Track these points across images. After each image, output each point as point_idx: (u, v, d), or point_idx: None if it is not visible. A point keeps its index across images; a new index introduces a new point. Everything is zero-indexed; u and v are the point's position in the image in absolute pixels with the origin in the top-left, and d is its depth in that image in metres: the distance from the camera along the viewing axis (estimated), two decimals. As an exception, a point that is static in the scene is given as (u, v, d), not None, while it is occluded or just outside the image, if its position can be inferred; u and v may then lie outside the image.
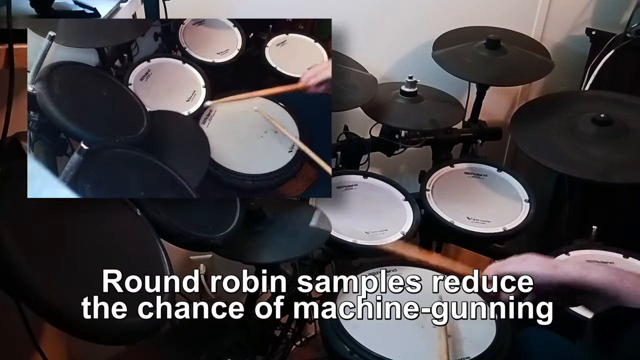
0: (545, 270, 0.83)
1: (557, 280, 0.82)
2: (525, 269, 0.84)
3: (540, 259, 0.86)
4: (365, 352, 1.01)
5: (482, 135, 1.60)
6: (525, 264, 0.86)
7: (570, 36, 1.75)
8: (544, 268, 0.83)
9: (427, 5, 1.61)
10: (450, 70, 1.45)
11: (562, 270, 0.82)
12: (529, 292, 0.85)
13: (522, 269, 0.85)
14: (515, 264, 0.86)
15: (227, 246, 1.03)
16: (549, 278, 0.82)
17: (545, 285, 0.83)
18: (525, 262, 0.86)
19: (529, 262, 0.86)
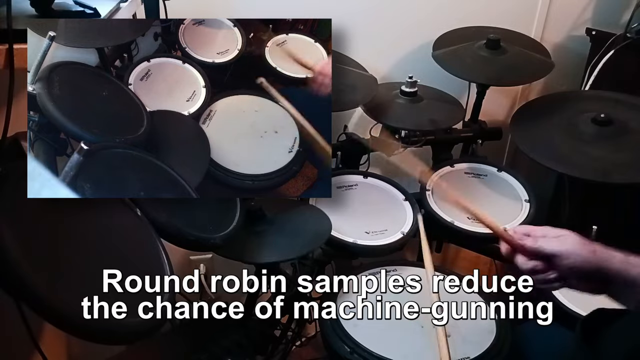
0: (583, 253, 0.79)
1: (592, 265, 0.78)
2: (561, 248, 0.80)
3: (578, 240, 0.81)
4: (365, 352, 1.01)
5: (482, 135, 1.60)
6: (561, 243, 0.81)
7: (570, 36, 1.75)
8: (582, 251, 0.79)
9: (427, 5, 1.61)
10: (450, 70, 1.45)
11: (600, 257, 0.78)
12: (554, 270, 0.81)
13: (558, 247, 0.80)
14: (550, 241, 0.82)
15: (227, 246, 1.03)
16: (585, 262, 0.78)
17: (579, 269, 0.79)
18: (561, 241, 0.81)
19: (565, 240, 0.81)
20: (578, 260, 0.78)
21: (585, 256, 0.78)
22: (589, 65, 1.60)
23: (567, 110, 1.38)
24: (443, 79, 1.50)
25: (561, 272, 0.80)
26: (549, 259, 0.81)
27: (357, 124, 1.54)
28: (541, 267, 0.81)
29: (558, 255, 0.80)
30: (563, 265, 0.79)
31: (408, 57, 1.66)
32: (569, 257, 0.79)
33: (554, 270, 0.81)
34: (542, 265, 0.81)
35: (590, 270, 0.78)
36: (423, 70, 1.51)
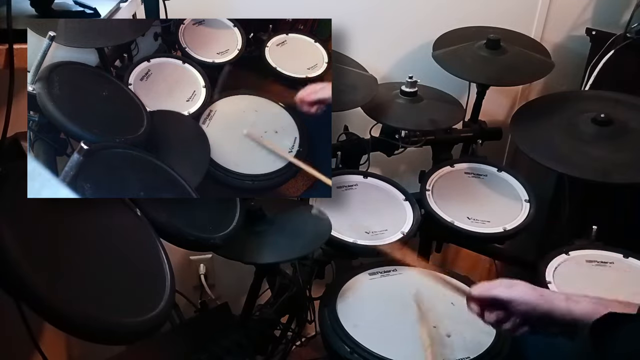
0: (531, 299, 0.86)
1: (542, 310, 0.85)
2: (511, 295, 0.88)
3: (527, 287, 0.89)
4: (365, 352, 1.01)
5: (482, 135, 1.60)
6: (511, 290, 0.88)
7: (570, 36, 1.74)
8: (530, 296, 0.87)
9: (427, 5, 1.61)
10: (450, 70, 1.45)
11: (547, 300, 0.86)
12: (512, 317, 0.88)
13: (508, 294, 0.88)
14: (502, 289, 0.89)
15: (227, 246, 1.03)
16: (533, 306, 0.86)
17: (529, 313, 0.86)
18: (512, 289, 0.89)
19: (515, 288, 0.89)
20: (529, 305, 0.86)
21: (534, 301, 0.86)
22: (589, 65, 1.60)
23: (567, 110, 1.38)
24: (443, 79, 1.50)
25: (520, 317, 0.87)
26: (506, 307, 0.88)
27: (357, 124, 1.54)
28: (503, 316, 0.89)
29: (511, 301, 0.87)
30: (518, 311, 0.87)
31: (408, 57, 1.66)
32: (521, 304, 0.87)
33: (515, 317, 0.88)
34: (503, 314, 0.89)
35: (541, 314, 0.85)
36: (423, 70, 1.51)
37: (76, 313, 0.65)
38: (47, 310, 0.63)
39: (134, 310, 0.74)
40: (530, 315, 0.87)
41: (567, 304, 0.84)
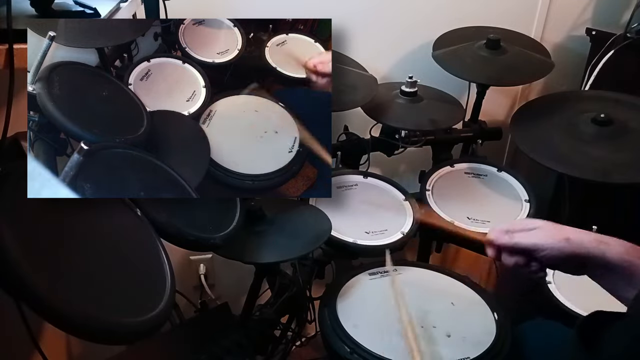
0: (556, 244, 0.80)
1: (567, 253, 0.79)
2: (535, 241, 0.82)
3: (551, 230, 0.83)
4: (365, 352, 1.01)
5: (482, 135, 1.60)
6: (534, 236, 0.83)
7: (570, 36, 1.75)
8: (555, 241, 0.81)
9: (427, 5, 1.61)
10: (450, 70, 1.45)
11: (575, 244, 0.80)
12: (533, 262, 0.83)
13: (532, 241, 0.82)
14: (524, 236, 0.83)
15: (227, 246, 1.03)
16: (560, 252, 0.80)
17: (556, 259, 0.81)
18: (535, 234, 0.83)
19: (538, 234, 0.83)
20: (553, 251, 0.80)
21: (559, 246, 0.80)
22: (589, 65, 1.60)
23: (567, 110, 1.38)
24: (443, 79, 1.50)
25: (541, 262, 0.83)
26: (529, 253, 0.83)
27: (357, 124, 1.54)
28: (522, 262, 0.84)
29: (534, 248, 0.82)
30: (541, 257, 0.82)
31: (408, 57, 1.66)
32: (544, 249, 0.81)
33: (535, 262, 0.83)
34: (523, 259, 0.84)
35: (566, 258, 0.80)
36: (423, 70, 1.51)
37: (76, 313, 0.65)
38: (47, 310, 0.63)
39: (134, 310, 0.74)
40: (555, 261, 0.81)
41: (596, 245, 0.78)
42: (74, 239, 0.75)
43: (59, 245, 0.71)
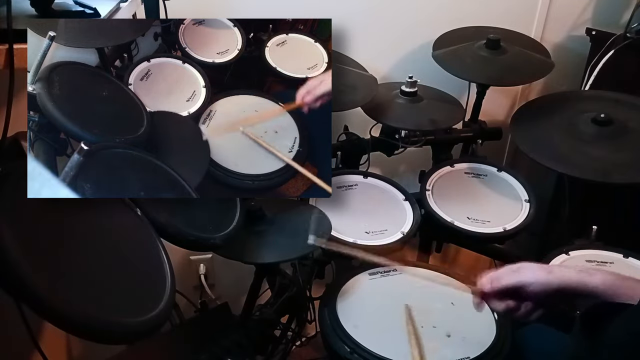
0: (540, 278, 0.83)
1: (554, 286, 0.82)
2: (520, 278, 0.84)
3: (534, 266, 0.86)
4: (365, 352, 1.01)
5: (482, 135, 1.60)
6: (519, 275, 0.85)
7: (570, 36, 1.75)
8: (539, 275, 0.83)
9: (427, 5, 1.61)
10: (450, 70, 1.45)
11: (557, 275, 0.83)
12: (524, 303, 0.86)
13: (517, 279, 0.85)
14: (509, 276, 0.86)
15: (227, 246, 1.03)
16: (545, 285, 0.82)
17: (542, 292, 0.83)
18: (519, 272, 0.86)
19: (522, 271, 0.86)
20: (538, 285, 0.83)
21: (543, 280, 0.82)
22: (589, 65, 1.60)
23: (567, 110, 1.38)
24: (443, 79, 1.50)
25: (533, 299, 0.85)
26: (518, 293, 0.85)
27: (357, 124, 1.54)
28: (513, 304, 0.86)
29: (521, 285, 0.84)
30: (529, 293, 0.84)
31: (408, 57, 1.66)
32: (530, 285, 0.83)
33: (527, 301, 0.85)
34: (513, 302, 0.86)
35: (553, 291, 0.82)
36: (423, 70, 1.51)
37: (76, 313, 0.65)
38: (47, 310, 0.63)
39: (134, 310, 0.74)
40: (543, 296, 0.83)
41: (579, 276, 0.80)
42: (74, 239, 0.75)
43: (59, 245, 0.71)
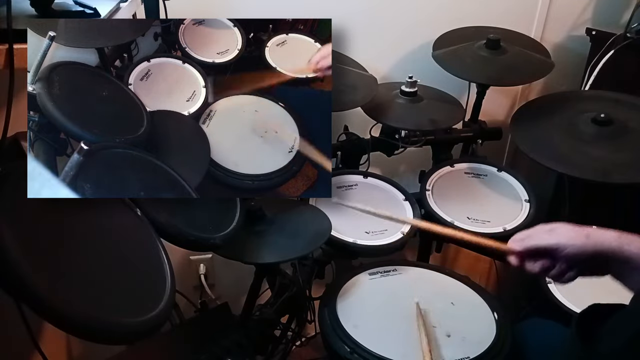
0: (576, 241, 0.80)
1: (589, 250, 0.79)
2: (554, 240, 0.81)
3: (569, 228, 0.83)
4: (365, 352, 1.01)
5: (482, 135, 1.60)
6: (553, 236, 0.82)
7: (570, 36, 1.75)
8: (575, 238, 0.80)
9: (427, 5, 1.61)
10: (450, 70, 1.45)
11: (594, 239, 0.79)
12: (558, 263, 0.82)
13: (551, 240, 0.82)
14: (542, 236, 0.83)
15: (227, 246, 1.03)
16: (581, 248, 0.79)
17: (577, 256, 0.80)
18: (553, 233, 0.82)
19: (557, 232, 0.82)
20: (574, 248, 0.80)
21: (580, 243, 0.80)
22: (589, 65, 1.60)
23: (567, 110, 1.38)
24: (443, 79, 1.50)
25: (567, 262, 0.81)
26: (551, 254, 0.82)
27: (357, 124, 1.54)
28: (548, 264, 0.83)
29: (555, 247, 0.81)
30: (564, 256, 0.81)
31: (408, 57, 1.66)
32: (565, 248, 0.80)
33: (561, 262, 0.82)
34: (548, 262, 0.83)
35: (589, 255, 0.79)
36: (423, 70, 1.51)
37: (76, 313, 0.65)
38: (47, 310, 0.63)
39: (134, 310, 0.74)
40: (578, 259, 0.80)
41: (618, 241, 0.78)
42: (74, 239, 0.75)
43: (59, 245, 0.71)
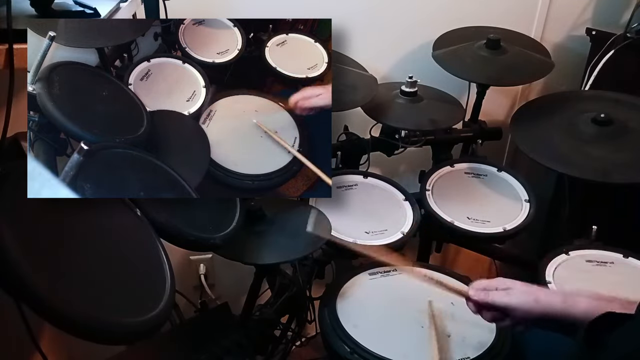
0: (525, 305, 0.87)
1: (537, 313, 0.86)
2: (507, 301, 0.88)
3: (522, 291, 0.89)
4: (365, 352, 1.01)
5: (482, 135, 1.60)
6: (508, 297, 0.89)
7: (570, 36, 1.74)
8: (524, 302, 0.87)
9: (427, 5, 1.61)
10: (450, 70, 1.45)
11: (542, 304, 0.86)
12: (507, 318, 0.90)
13: (505, 300, 0.89)
14: (498, 294, 0.90)
15: (227, 246, 1.03)
16: (528, 312, 0.87)
17: (525, 317, 0.88)
18: (508, 295, 0.89)
19: (511, 294, 0.89)
20: (522, 312, 0.87)
21: (528, 307, 0.87)
22: (589, 65, 1.60)
23: (567, 110, 1.38)
24: (443, 79, 1.50)
25: (516, 320, 0.89)
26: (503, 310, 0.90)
27: (357, 124, 1.54)
28: (499, 317, 0.91)
29: (506, 308, 0.89)
30: (514, 316, 0.89)
31: (408, 57, 1.66)
32: (515, 310, 0.88)
33: (510, 319, 0.90)
34: (499, 315, 0.91)
35: (536, 317, 0.87)
36: (423, 70, 1.51)
37: (76, 313, 0.65)
38: (47, 310, 0.63)
39: (134, 310, 0.74)
40: (526, 319, 0.88)
41: (563, 306, 0.84)
42: (74, 239, 0.75)
43: (59, 245, 0.71)
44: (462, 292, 0.97)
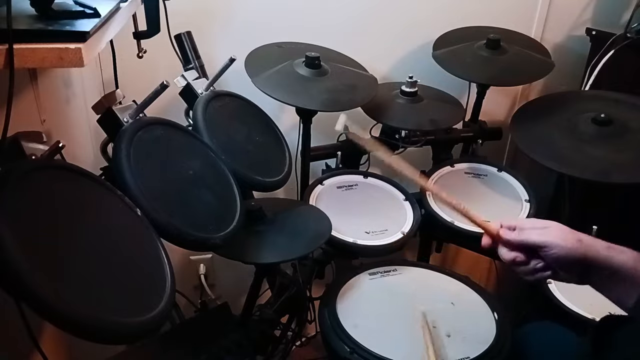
0: (567, 243, 0.79)
1: (578, 255, 0.78)
2: (546, 238, 0.80)
3: (563, 229, 0.81)
4: (365, 352, 1.01)
5: (482, 135, 1.60)
6: (546, 234, 0.81)
7: (570, 36, 1.75)
8: (566, 240, 0.79)
9: (427, 5, 1.61)
10: (450, 70, 1.45)
11: (586, 245, 0.79)
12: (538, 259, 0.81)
13: (543, 238, 0.80)
14: (535, 233, 0.82)
15: (227, 246, 1.03)
16: (570, 251, 0.78)
17: (564, 257, 0.79)
18: (547, 232, 0.81)
19: (550, 232, 0.81)
20: (563, 250, 0.78)
21: (571, 246, 0.78)
22: (589, 65, 1.60)
23: (567, 110, 1.38)
24: (443, 79, 1.50)
25: (547, 262, 0.80)
26: (535, 250, 0.81)
27: (357, 124, 1.54)
28: (522, 259, 0.82)
29: (543, 246, 0.80)
30: (549, 255, 0.79)
31: (408, 57, 1.66)
32: (554, 248, 0.79)
33: (540, 260, 0.81)
34: (522, 256, 0.82)
35: (576, 260, 0.78)
36: (423, 70, 1.51)
37: (76, 313, 0.65)
38: (47, 310, 0.63)
39: (134, 310, 0.74)
40: (563, 261, 0.79)
41: (607, 253, 0.77)
42: (74, 239, 0.75)
43: (59, 245, 0.71)
44: (489, 230, 0.88)
